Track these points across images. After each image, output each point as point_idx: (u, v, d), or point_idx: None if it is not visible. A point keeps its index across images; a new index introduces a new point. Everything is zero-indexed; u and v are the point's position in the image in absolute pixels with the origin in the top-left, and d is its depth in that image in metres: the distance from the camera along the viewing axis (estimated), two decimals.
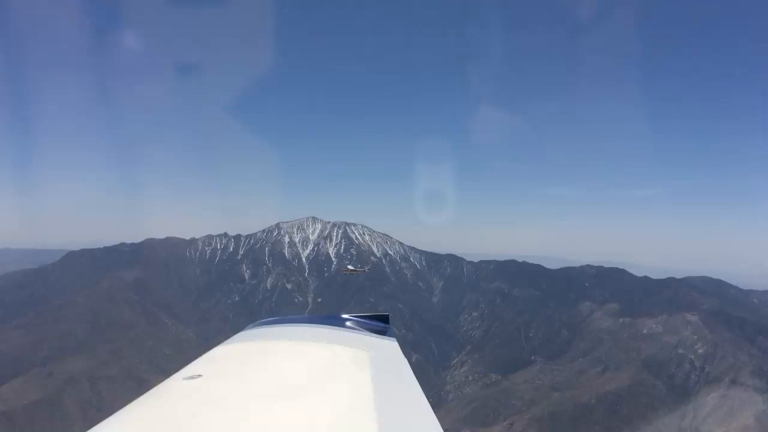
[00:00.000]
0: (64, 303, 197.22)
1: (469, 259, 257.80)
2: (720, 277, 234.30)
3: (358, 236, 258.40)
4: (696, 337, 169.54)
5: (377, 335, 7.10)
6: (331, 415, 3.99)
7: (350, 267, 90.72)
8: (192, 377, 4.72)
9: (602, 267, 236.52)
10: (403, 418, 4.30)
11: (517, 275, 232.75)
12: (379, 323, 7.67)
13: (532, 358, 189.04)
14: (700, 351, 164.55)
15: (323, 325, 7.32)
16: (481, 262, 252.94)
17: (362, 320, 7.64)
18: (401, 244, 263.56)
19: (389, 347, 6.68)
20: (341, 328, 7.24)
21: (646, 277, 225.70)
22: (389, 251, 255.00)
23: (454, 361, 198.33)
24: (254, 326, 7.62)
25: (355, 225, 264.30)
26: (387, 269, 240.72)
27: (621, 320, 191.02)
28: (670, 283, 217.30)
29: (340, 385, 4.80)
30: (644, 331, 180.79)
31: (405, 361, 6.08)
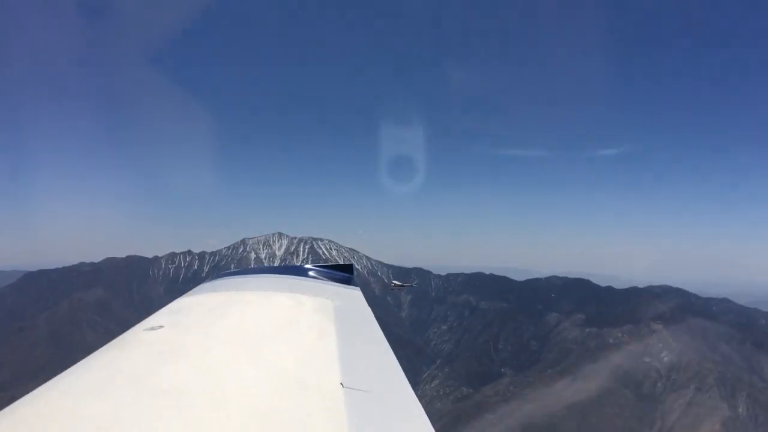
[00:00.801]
0: (24, 326, 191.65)
1: (436, 273, 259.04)
2: (679, 286, 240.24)
3: (325, 251, 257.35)
4: (661, 345, 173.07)
5: (341, 284, 7.14)
6: (294, 363, 3.98)
7: (396, 282, 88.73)
8: (153, 328, 4.59)
9: (567, 278, 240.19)
10: (367, 364, 4.38)
11: (485, 288, 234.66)
12: (342, 273, 7.67)
13: (502, 370, 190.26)
14: (665, 359, 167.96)
15: (287, 275, 7.34)
16: (449, 275, 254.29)
17: (326, 270, 7.66)
18: (368, 258, 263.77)
19: (353, 296, 6.76)
20: (305, 278, 7.27)
21: (609, 287, 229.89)
22: (357, 266, 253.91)
23: (425, 376, 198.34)
24: (217, 278, 7.59)
25: (321, 240, 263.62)
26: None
27: (588, 330, 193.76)
28: (633, 292, 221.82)
29: (304, 334, 4.83)
30: (611, 341, 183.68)
31: (369, 309, 6.22)
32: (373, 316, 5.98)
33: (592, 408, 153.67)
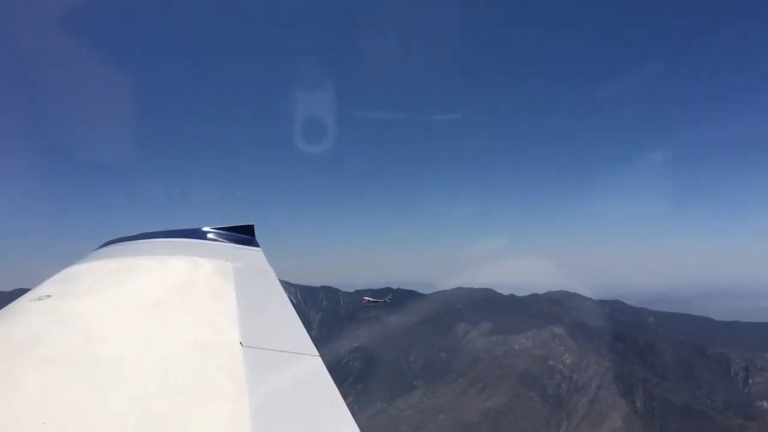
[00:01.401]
0: None
1: (344, 290, 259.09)
2: (574, 291, 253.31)
3: None
4: (563, 348, 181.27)
5: (241, 245, 7.11)
6: (192, 325, 4.00)
7: (369, 299, 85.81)
8: (40, 298, 4.40)
9: (472, 288, 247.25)
10: (267, 324, 4.46)
11: (394, 302, 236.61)
12: (242, 235, 7.57)
13: (415, 383, 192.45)
14: (567, 361, 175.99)
15: (183, 238, 7.19)
16: (357, 292, 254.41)
17: (225, 232, 7.55)
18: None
19: (254, 257, 6.70)
20: (203, 241, 7.17)
21: (512, 295, 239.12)
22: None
23: None
24: (108, 244, 7.27)
25: None
26: None
27: (494, 338, 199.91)
28: (533, 299, 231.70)
29: (202, 296, 4.82)
30: (516, 347, 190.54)
31: (270, 270, 6.18)
32: (274, 276, 5.90)
33: (502, 413, 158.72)
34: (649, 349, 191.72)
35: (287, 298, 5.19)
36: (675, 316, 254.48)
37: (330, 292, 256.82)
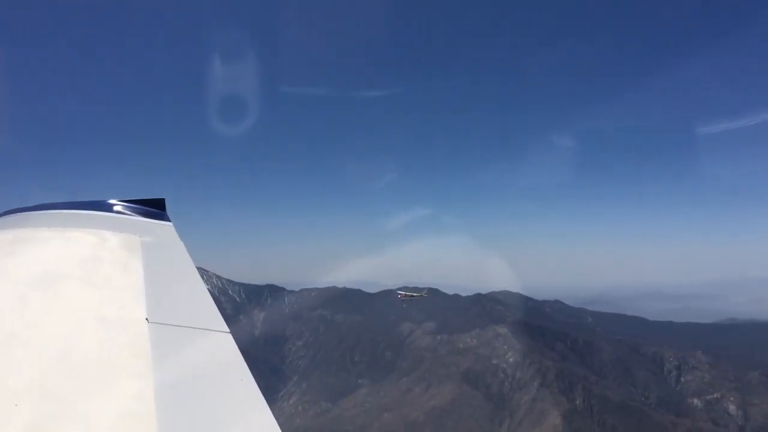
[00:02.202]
0: None
1: (290, 289, 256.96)
2: (517, 291, 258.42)
3: None
4: (506, 347, 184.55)
5: (150, 219, 6.95)
6: (96, 301, 3.85)
7: (403, 292, 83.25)
8: None
9: (417, 287, 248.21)
10: (175, 299, 4.40)
11: (339, 301, 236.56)
12: (152, 208, 7.35)
13: (360, 381, 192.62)
14: (510, 360, 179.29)
15: (89, 210, 6.91)
16: (302, 290, 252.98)
17: (133, 205, 7.31)
18: (218, 277, 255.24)
19: (163, 231, 6.57)
20: (108, 213, 6.93)
21: (456, 295, 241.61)
22: (207, 285, 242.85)
23: (282, 393, 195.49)
24: (3, 215, 6.87)
25: None
26: None
27: (439, 337, 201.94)
28: (478, 299, 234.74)
29: (107, 270, 4.64)
30: (461, 346, 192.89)
31: (181, 244, 6.08)
32: (185, 250, 5.82)
33: (447, 412, 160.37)
34: (588, 348, 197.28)
35: (198, 274, 5.11)
36: (611, 316, 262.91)
37: (275, 290, 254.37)
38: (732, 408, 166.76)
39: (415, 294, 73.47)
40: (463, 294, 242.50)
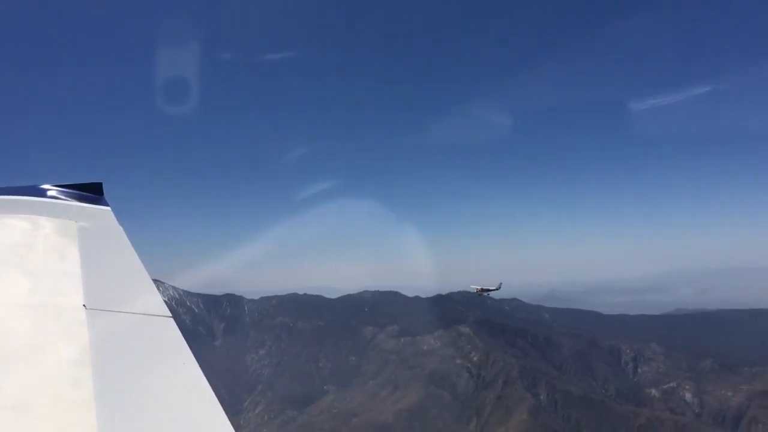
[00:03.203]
0: None
1: (249, 297, 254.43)
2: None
3: None
4: (470, 346, 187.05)
5: (87, 204, 6.86)
6: (30, 287, 3.82)
7: (478, 287, 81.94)
8: None
9: (378, 291, 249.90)
10: (113, 285, 4.44)
11: (300, 308, 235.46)
12: (89, 193, 7.27)
13: (325, 388, 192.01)
14: (475, 359, 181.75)
15: (22, 196, 6.72)
16: (262, 298, 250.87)
17: (69, 190, 7.22)
18: (175, 288, 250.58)
19: (101, 216, 6.47)
20: (43, 199, 6.80)
21: (417, 297, 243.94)
22: (163, 297, 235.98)
23: (247, 404, 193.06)
24: None
25: None
26: None
27: (402, 340, 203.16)
28: (438, 300, 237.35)
29: (42, 256, 4.58)
30: (425, 348, 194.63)
31: (120, 229, 5.99)
32: (124, 235, 5.73)
33: (415, 413, 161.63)
34: (548, 343, 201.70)
35: (137, 258, 5.03)
36: (567, 311, 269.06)
37: (234, 299, 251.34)
38: (688, 396, 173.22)
39: (491, 288, 74.37)
40: (424, 296, 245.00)
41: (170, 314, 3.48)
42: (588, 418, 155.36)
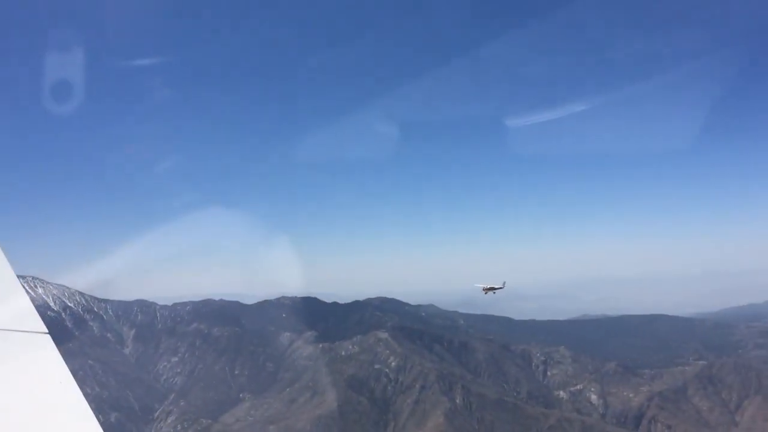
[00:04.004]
0: None
1: (162, 303, 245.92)
2: (393, 297, 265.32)
3: (29, 290, 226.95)
4: (388, 352, 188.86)
5: None
6: None
7: (482, 285, 79.03)
8: None
9: (296, 297, 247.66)
10: None
11: (215, 314, 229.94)
12: None
13: (241, 395, 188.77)
14: (393, 364, 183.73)
15: None
16: (176, 304, 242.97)
17: None
18: (82, 294, 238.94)
19: None
20: None
21: (335, 303, 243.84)
22: (69, 303, 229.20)
23: (158, 413, 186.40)
24: None
25: (24, 277, 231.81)
26: (69, 324, 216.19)
27: (320, 346, 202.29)
28: (356, 306, 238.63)
29: None
30: (343, 353, 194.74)
31: None
32: None
33: (333, 419, 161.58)
34: (464, 348, 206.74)
35: (11, 270, 4.75)
36: (481, 317, 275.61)
37: (145, 306, 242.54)
38: (594, 398, 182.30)
39: (496, 286, 74.81)
40: (342, 302, 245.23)
41: (46, 330, 3.12)
42: (501, 420, 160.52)
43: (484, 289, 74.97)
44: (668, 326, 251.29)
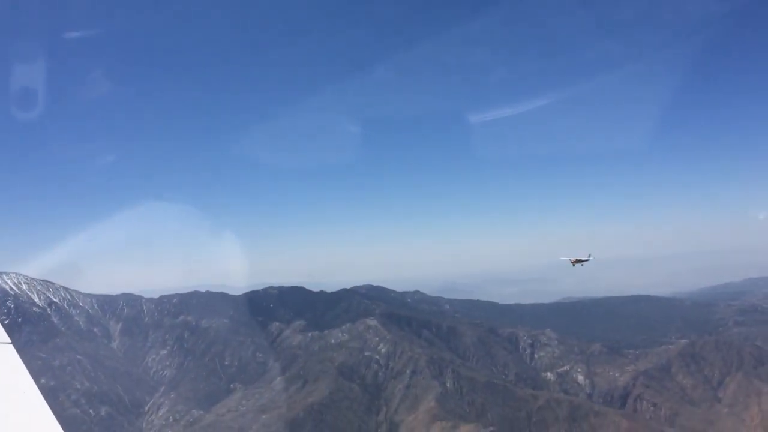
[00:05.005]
0: None
1: (148, 296, 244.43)
2: (378, 284, 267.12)
3: (13, 286, 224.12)
4: (378, 338, 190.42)
5: None
6: None
7: (567, 258, 79.22)
8: None
9: (283, 287, 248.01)
10: None
11: (203, 306, 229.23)
12: None
13: (232, 386, 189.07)
14: (383, 351, 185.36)
15: None
16: (162, 297, 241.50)
17: None
18: (66, 289, 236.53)
19: None
20: None
21: (322, 291, 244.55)
22: (54, 299, 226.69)
23: (149, 406, 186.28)
24: None
25: (7, 274, 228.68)
26: (55, 319, 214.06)
27: (310, 335, 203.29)
28: (343, 294, 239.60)
29: None
30: (333, 341, 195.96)
31: None
32: None
33: (326, 406, 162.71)
34: (452, 333, 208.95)
35: None
36: (466, 302, 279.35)
37: (131, 299, 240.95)
38: (580, 378, 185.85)
39: (583, 258, 75.23)
40: (328, 290, 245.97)
41: (9, 340, 3.21)
42: (492, 402, 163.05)
43: (572, 261, 76.11)
44: (650, 306, 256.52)
